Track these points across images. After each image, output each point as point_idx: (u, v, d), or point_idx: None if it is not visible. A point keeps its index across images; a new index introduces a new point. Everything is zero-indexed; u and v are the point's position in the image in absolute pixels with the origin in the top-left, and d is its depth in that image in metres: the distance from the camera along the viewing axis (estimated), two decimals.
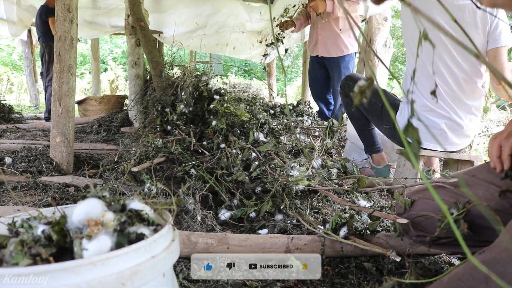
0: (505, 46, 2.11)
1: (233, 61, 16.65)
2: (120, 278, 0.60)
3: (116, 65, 14.58)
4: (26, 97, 10.83)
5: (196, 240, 1.43)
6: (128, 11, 3.83)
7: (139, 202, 0.74)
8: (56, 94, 2.55)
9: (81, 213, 0.68)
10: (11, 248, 0.64)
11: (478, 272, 0.86)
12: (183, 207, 1.82)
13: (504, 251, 0.84)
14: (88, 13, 6.16)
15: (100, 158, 2.97)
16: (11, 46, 15.69)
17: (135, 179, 2.18)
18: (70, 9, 2.51)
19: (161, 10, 6.06)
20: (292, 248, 1.43)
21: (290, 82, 16.78)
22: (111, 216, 0.68)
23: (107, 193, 0.76)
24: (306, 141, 3.18)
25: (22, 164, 2.56)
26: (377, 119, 2.41)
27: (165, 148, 2.37)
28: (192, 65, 3.94)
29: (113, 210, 0.71)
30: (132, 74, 4.00)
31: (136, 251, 0.63)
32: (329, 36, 4.37)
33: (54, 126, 2.59)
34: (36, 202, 2.05)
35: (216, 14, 6.45)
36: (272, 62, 8.34)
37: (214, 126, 2.61)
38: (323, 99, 4.81)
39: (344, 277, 1.33)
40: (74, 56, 2.59)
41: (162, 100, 2.98)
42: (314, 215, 1.99)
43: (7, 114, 5.50)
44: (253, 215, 1.88)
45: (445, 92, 2.13)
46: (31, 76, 8.99)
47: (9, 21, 6.24)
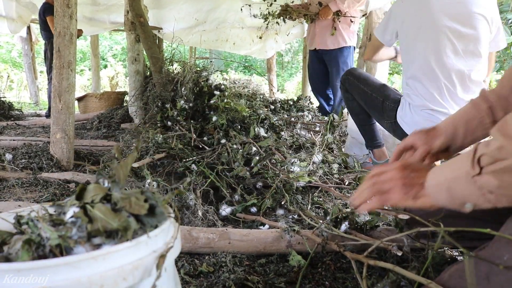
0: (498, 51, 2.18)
1: (233, 56, 16.61)
2: (121, 272, 0.59)
3: (116, 61, 14.54)
4: (26, 94, 10.82)
5: (197, 235, 1.43)
6: (127, 7, 3.82)
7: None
8: (56, 90, 2.55)
9: None
10: (18, 246, 0.63)
11: (479, 269, 0.85)
12: (184, 202, 1.82)
13: (505, 246, 0.84)
14: (87, 9, 6.15)
15: (100, 154, 2.96)
16: (11, 43, 15.66)
17: (136, 175, 2.18)
18: (69, 4, 2.50)
19: (160, 6, 6.05)
20: (294, 243, 1.43)
21: (291, 78, 16.75)
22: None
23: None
24: (306, 136, 3.18)
25: (22, 161, 2.56)
26: (378, 114, 2.40)
27: (165, 144, 2.37)
28: (192, 61, 3.94)
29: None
30: (132, 70, 3.99)
31: (137, 245, 0.62)
32: (327, 29, 4.37)
33: (54, 123, 2.58)
34: (36, 198, 2.05)
35: (216, 10, 6.44)
36: (272, 57, 8.32)
37: (214, 121, 2.60)
38: (323, 94, 4.80)
39: (346, 272, 1.33)
40: (74, 52, 2.58)
41: (162, 96, 2.97)
42: (315, 209, 1.99)
43: (7, 111, 5.50)
44: (254, 210, 1.88)
45: (447, 90, 2.12)
46: (31, 73, 8.97)
47: (8, 18, 6.24)
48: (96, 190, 0.71)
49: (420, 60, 2.15)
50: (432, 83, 2.11)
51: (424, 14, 2.13)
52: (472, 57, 2.11)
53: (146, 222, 0.67)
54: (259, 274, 1.31)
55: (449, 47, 2.09)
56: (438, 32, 2.09)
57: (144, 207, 0.67)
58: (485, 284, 0.83)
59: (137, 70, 3.99)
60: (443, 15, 2.08)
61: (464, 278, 0.86)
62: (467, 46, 2.09)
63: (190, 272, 1.30)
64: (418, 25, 2.14)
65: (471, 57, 2.11)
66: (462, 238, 1.20)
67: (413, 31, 2.17)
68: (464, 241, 1.19)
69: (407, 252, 1.18)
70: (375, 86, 2.41)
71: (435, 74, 2.10)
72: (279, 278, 1.27)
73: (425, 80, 2.13)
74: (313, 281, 1.28)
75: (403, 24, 2.21)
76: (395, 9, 2.30)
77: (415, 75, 2.17)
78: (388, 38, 2.34)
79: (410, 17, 2.18)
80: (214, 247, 1.43)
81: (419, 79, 2.15)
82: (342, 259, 1.41)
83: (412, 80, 2.18)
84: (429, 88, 2.12)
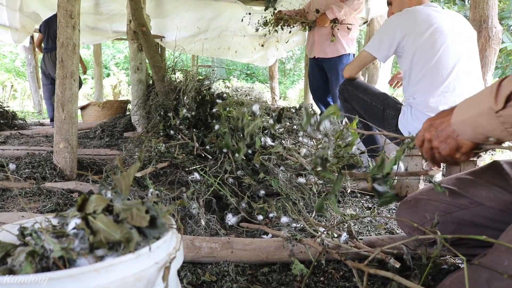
0: None
1: (235, 64, 16.66)
2: (124, 284, 0.60)
3: (118, 70, 14.63)
4: (29, 103, 10.88)
5: (200, 245, 1.43)
6: (130, 16, 3.84)
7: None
8: (59, 100, 2.56)
9: None
10: (21, 258, 0.64)
11: (479, 275, 0.86)
12: (187, 211, 1.82)
13: (505, 253, 0.84)
14: (90, 18, 6.19)
15: (103, 163, 2.97)
16: (14, 52, 15.79)
17: (139, 184, 2.19)
18: (72, 15, 2.52)
19: (163, 15, 6.09)
20: (296, 252, 1.43)
21: (293, 85, 16.78)
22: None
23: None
24: (309, 144, 3.18)
25: (26, 170, 2.57)
26: (379, 123, 2.40)
27: (168, 153, 2.37)
28: (194, 69, 3.95)
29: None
30: (135, 79, 4.01)
31: (139, 257, 0.63)
32: (326, 37, 4.39)
33: (57, 132, 2.60)
34: (40, 208, 2.05)
35: (218, 18, 6.47)
36: (274, 65, 8.35)
37: (216, 130, 2.61)
38: (324, 101, 4.81)
39: (349, 280, 1.33)
40: (77, 62, 2.60)
41: (165, 104, 2.99)
42: (318, 217, 1.99)
43: (11, 120, 5.52)
44: (261, 218, 1.88)
45: (449, 92, 2.13)
46: (34, 82, 9.02)
47: (12, 28, 6.28)
48: (98, 201, 0.71)
49: (424, 66, 2.17)
50: (435, 86, 2.14)
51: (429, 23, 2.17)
52: (474, 60, 2.15)
53: (148, 233, 0.68)
54: (262, 283, 1.31)
55: (453, 51, 2.13)
56: (441, 37, 2.12)
57: (145, 219, 0.67)
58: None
59: (140, 79, 4.01)
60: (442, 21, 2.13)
61: (465, 284, 0.87)
62: (467, 47, 2.14)
63: (193, 282, 1.30)
64: (428, 33, 2.16)
65: (473, 60, 2.15)
66: (464, 245, 1.20)
67: (417, 38, 2.19)
68: (467, 248, 1.19)
69: (408, 261, 1.18)
70: (374, 95, 2.42)
71: (438, 78, 2.13)
72: (282, 287, 1.27)
73: (427, 84, 2.16)
74: None
75: (408, 35, 2.22)
76: (392, 24, 2.30)
77: (419, 79, 2.19)
78: (385, 53, 2.33)
79: (416, 26, 2.20)
80: (217, 256, 1.43)
81: (421, 83, 2.18)
82: (344, 267, 1.41)
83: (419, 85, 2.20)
84: (432, 92, 2.14)
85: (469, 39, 2.26)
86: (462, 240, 1.18)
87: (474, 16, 3.24)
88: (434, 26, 2.15)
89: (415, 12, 2.22)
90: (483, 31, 3.19)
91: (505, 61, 6.98)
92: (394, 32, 2.26)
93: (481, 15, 3.20)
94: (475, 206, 1.18)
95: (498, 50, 3.29)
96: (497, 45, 3.24)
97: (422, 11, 2.22)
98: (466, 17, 6.19)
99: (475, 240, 1.14)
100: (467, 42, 2.24)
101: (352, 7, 4.19)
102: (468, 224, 1.21)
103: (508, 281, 0.80)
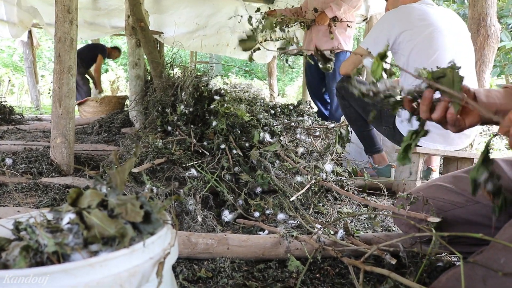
0: None
1: (233, 61, 16.64)
2: (118, 279, 0.60)
3: (116, 65, 14.58)
4: (27, 98, 10.85)
5: (196, 241, 1.43)
6: (128, 11, 3.83)
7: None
8: (56, 95, 2.56)
9: None
10: (15, 252, 0.64)
11: (475, 272, 0.86)
12: (184, 207, 1.82)
13: (501, 250, 0.85)
14: (88, 14, 6.18)
15: (100, 159, 2.97)
16: (12, 47, 15.73)
17: (136, 180, 2.18)
18: (70, 10, 2.51)
19: (161, 11, 6.08)
20: (292, 249, 1.43)
21: (291, 82, 16.77)
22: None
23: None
24: (307, 141, 3.17)
25: (22, 165, 2.56)
26: (376, 120, 2.41)
27: (165, 149, 2.37)
28: (193, 65, 3.94)
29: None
30: (133, 75, 4.00)
31: (133, 252, 0.63)
32: (323, 34, 4.39)
33: (55, 127, 2.59)
34: (36, 204, 2.05)
35: (217, 15, 6.46)
36: (273, 61, 8.34)
37: (214, 126, 2.60)
38: (321, 98, 4.82)
39: (344, 277, 1.33)
40: (74, 57, 2.59)
41: (163, 100, 2.98)
42: (314, 215, 1.99)
43: (8, 115, 5.49)
44: (257, 215, 1.88)
45: None
46: (32, 77, 8.99)
47: (9, 22, 6.25)
48: (92, 195, 0.71)
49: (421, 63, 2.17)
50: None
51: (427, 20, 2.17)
52: (470, 59, 2.16)
53: (143, 229, 0.68)
54: (258, 279, 1.31)
55: (450, 49, 2.14)
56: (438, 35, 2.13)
57: (139, 214, 0.67)
58: (481, 286, 0.84)
59: (138, 75, 4.00)
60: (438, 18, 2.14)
61: (460, 281, 0.88)
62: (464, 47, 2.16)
63: (189, 278, 1.30)
64: (427, 32, 2.17)
65: (469, 59, 2.16)
66: (461, 243, 1.20)
67: (413, 36, 2.19)
68: (463, 246, 1.20)
69: (404, 258, 1.19)
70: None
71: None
72: (278, 284, 1.27)
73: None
74: (312, 286, 1.28)
75: (405, 32, 2.22)
76: (388, 20, 2.31)
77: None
78: (380, 50, 2.33)
79: (413, 23, 2.20)
80: (213, 252, 1.43)
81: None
82: (341, 264, 1.41)
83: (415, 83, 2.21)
84: None
85: (465, 39, 2.27)
86: (459, 238, 1.18)
87: (473, 14, 3.24)
88: (432, 25, 2.16)
89: (412, 10, 2.22)
90: (481, 29, 3.19)
91: (504, 59, 6.98)
92: (391, 28, 2.26)
93: (479, 13, 3.20)
94: (472, 204, 1.19)
95: (496, 49, 3.30)
96: (496, 44, 3.24)
97: (418, 8, 2.22)
98: (465, 15, 6.19)
99: (471, 238, 1.14)
100: (464, 42, 2.25)
101: (351, 4, 4.19)
102: (464, 222, 1.21)
103: (503, 278, 0.80)
